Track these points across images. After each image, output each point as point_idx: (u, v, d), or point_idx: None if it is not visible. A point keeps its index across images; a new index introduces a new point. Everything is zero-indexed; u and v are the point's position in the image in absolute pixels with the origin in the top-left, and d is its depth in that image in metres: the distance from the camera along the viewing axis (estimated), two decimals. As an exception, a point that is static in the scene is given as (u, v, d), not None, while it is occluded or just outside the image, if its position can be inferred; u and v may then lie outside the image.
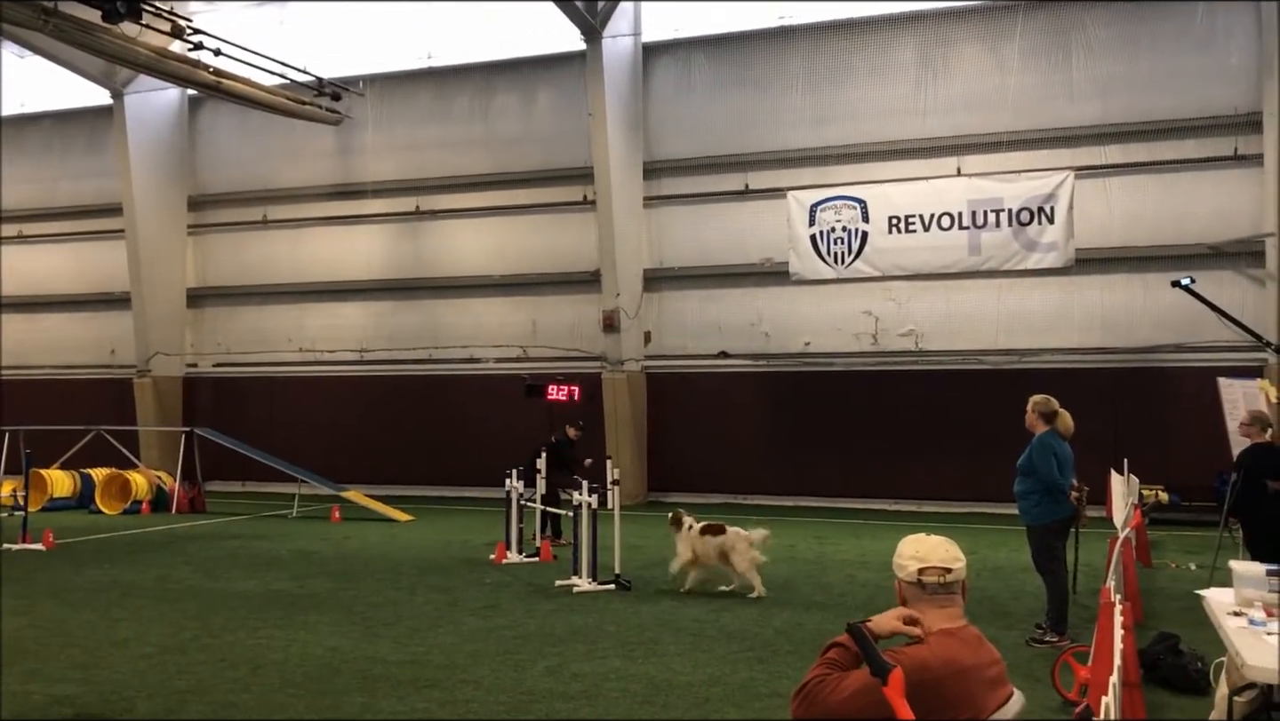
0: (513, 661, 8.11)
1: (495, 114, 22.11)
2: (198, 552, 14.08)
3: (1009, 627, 8.97)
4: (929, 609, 3.13)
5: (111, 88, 22.67)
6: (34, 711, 6.76)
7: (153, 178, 23.30)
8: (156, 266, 23.44)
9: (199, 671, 7.82)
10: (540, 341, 21.55)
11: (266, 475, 21.02)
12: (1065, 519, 8.72)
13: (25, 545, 14.28)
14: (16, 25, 17.34)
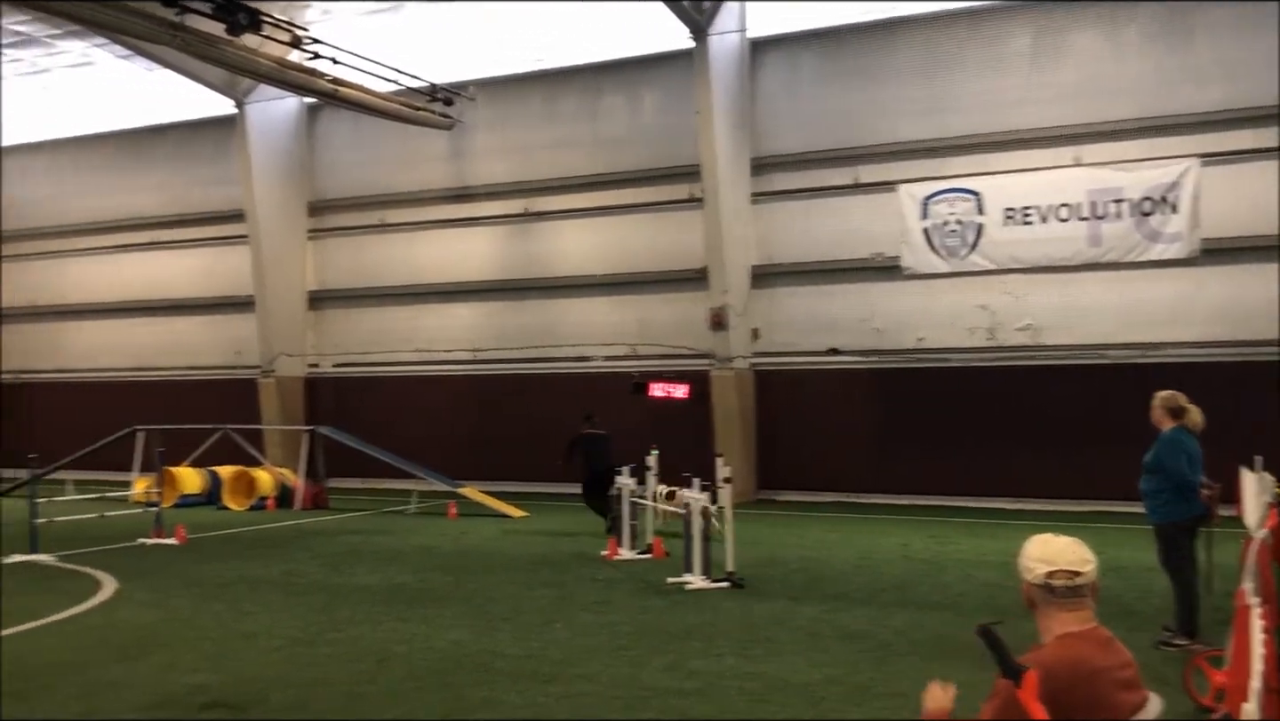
0: (628, 657, 8.17)
1: (602, 114, 22.28)
2: (322, 548, 14.50)
3: (1136, 629, 8.69)
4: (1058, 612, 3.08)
5: (234, 98, 23.47)
6: (172, 700, 7.04)
7: (274, 184, 24.08)
8: (279, 270, 24.21)
9: (326, 663, 8.06)
10: (648, 339, 21.63)
11: (385, 472, 21.51)
12: (1196, 517, 8.43)
13: (159, 540, 14.89)
14: (146, 40, 18.08)
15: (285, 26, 18.51)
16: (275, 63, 19.06)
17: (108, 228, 27.36)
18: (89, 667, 7.89)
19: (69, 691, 7.23)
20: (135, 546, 14.56)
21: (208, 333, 26.18)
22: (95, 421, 24.37)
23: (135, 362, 26.95)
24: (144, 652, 8.39)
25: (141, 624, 9.52)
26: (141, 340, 27.01)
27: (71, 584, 11.63)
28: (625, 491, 13.35)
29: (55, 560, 13.18)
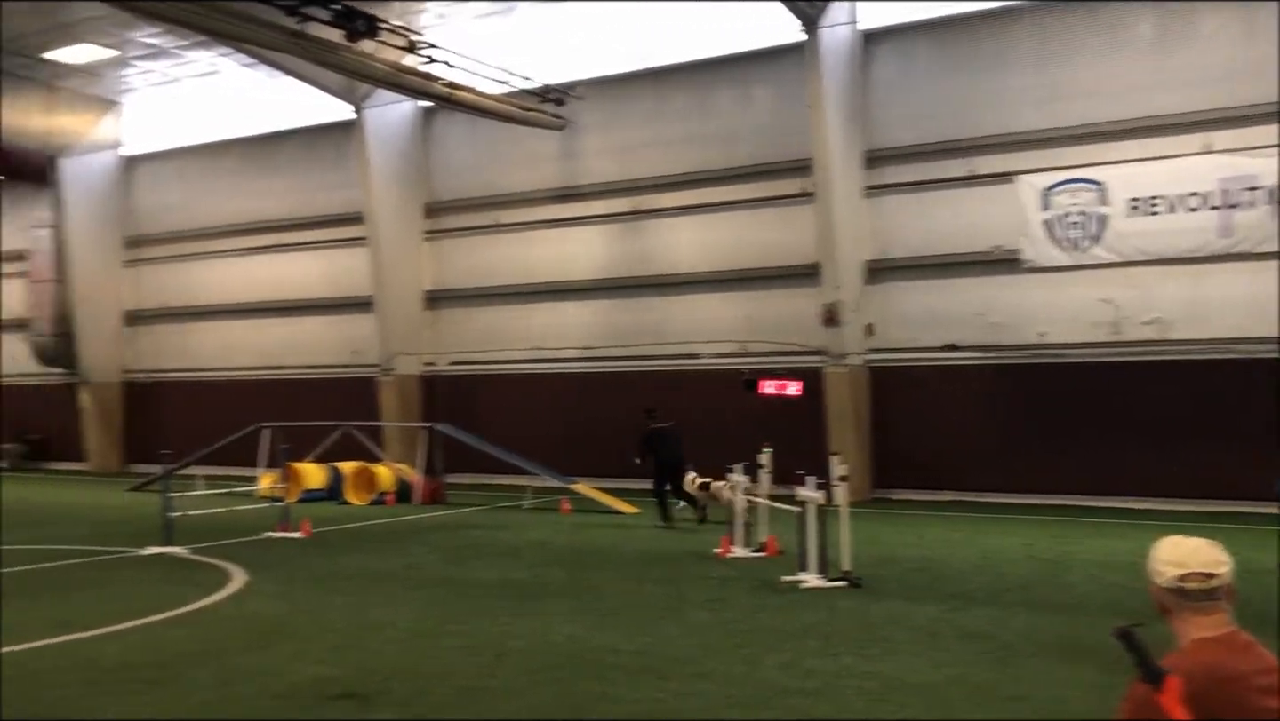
0: (744, 655, 8.14)
1: (712, 111, 22.22)
2: (440, 542, 14.78)
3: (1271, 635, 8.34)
4: (1192, 616, 2.95)
5: (353, 103, 24.07)
6: (301, 689, 7.25)
7: (392, 187, 24.64)
8: (396, 271, 24.76)
9: (447, 656, 8.21)
10: (759, 336, 21.50)
11: (499, 468, 21.83)
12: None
13: (285, 533, 15.35)
14: (269, 48, 18.66)
15: (401, 32, 18.89)
16: (392, 67, 19.48)
17: (233, 231, 28.32)
18: (223, 656, 8.18)
19: (205, 679, 7.49)
20: (262, 539, 15.03)
21: (329, 332, 26.91)
22: (222, 419, 25.28)
23: (260, 362, 27.85)
24: (274, 642, 8.65)
25: (270, 614, 9.83)
26: (266, 340, 27.90)
27: (203, 575, 12.07)
28: (739, 488, 13.28)
29: (188, 552, 13.69)
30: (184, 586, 11.31)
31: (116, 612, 9.91)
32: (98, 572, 12.45)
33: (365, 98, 23.97)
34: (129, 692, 7.16)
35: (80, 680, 7.50)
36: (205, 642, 8.65)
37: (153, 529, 15.00)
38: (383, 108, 24.28)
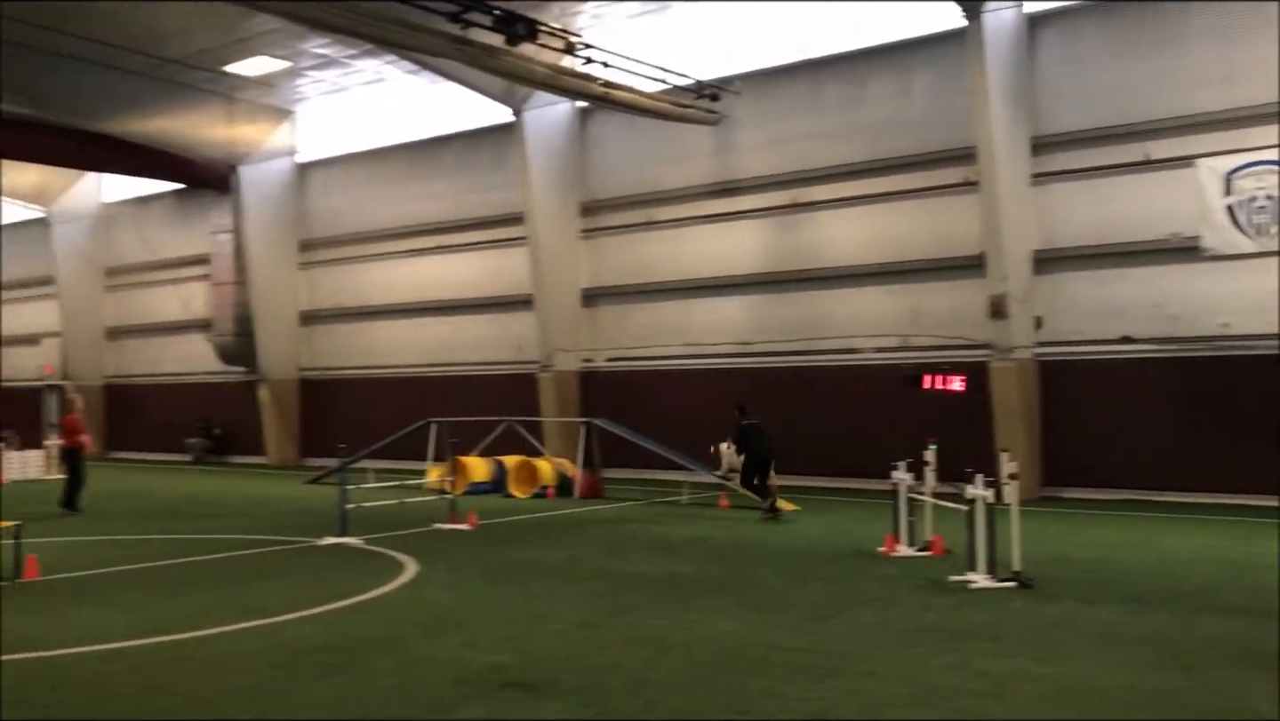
0: (912, 655, 8.00)
1: (869, 101, 21.87)
2: (600, 536, 14.99)
3: None
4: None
5: (512, 106, 24.59)
6: (473, 677, 7.45)
7: (550, 187, 25.09)
8: (555, 269, 25.21)
9: (612, 648, 8.32)
10: (921, 330, 21.07)
11: (656, 463, 21.99)
12: None
13: (453, 525, 15.81)
14: (433, 55, 19.21)
15: (560, 34, 19.19)
16: (550, 69, 19.82)
17: (399, 234, 29.31)
18: (400, 643, 8.48)
19: (384, 665, 7.78)
20: (431, 531, 15.52)
21: (490, 330, 27.59)
22: (390, 414, 26.25)
23: (426, 359, 28.75)
24: (446, 631, 8.93)
25: (442, 603, 10.14)
26: (431, 338, 28.79)
27: (378, 564, 12.53)
28: (903, 487, 13.05)
29: (362, 542, 14.23)
30: (360, 575, 11.77)
31: (300, 599, 10.39)
32: (280, 561, 13.07)
33: (524, 100, 24.46)
34: (314, 676, 7.49)
35: (268, 663, 7.88)
36: (384, 629, 8.98)
37: (329, 520, 15.66)
38: (541, 109, 24.74)
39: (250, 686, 7.26)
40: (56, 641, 8.69)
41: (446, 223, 28.33)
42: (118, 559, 13.32)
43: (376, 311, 30.03)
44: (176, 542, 14.79)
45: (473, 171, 27.92)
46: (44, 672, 7.69)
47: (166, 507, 19.62)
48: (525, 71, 19.50)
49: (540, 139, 24.99)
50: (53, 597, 10.71)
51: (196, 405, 33.87)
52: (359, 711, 6.67)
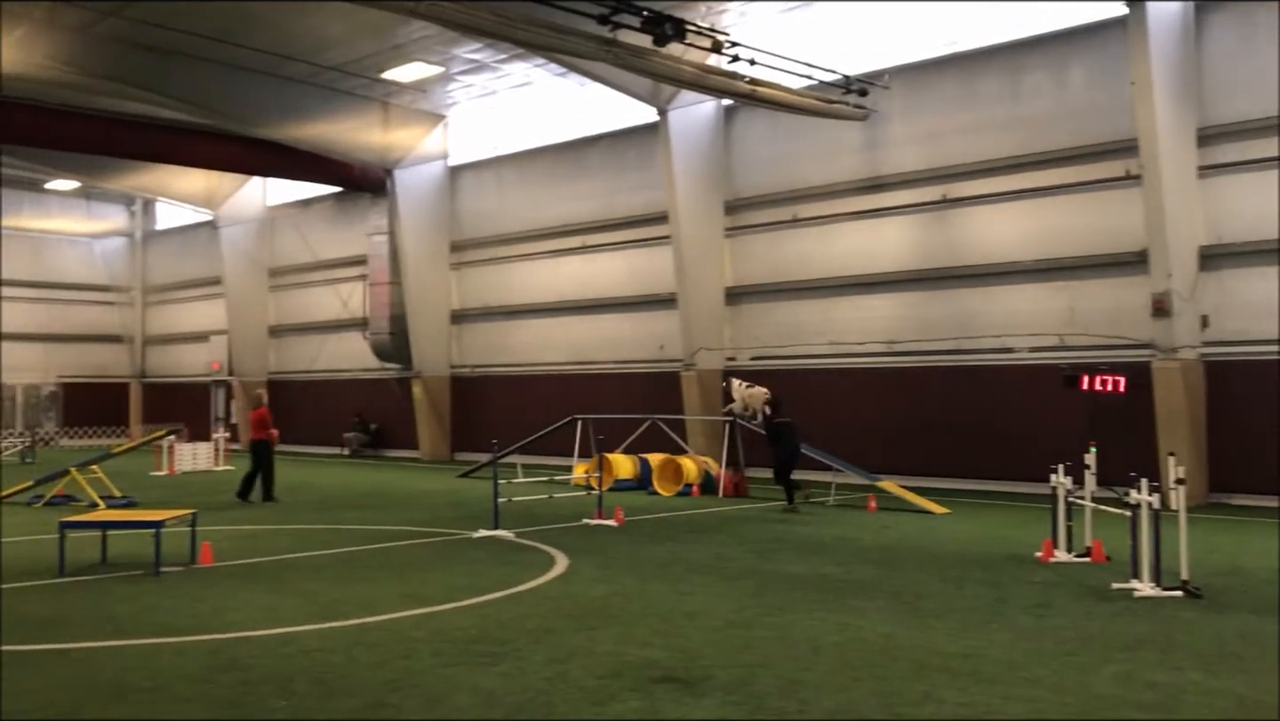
0: (1075, 663, 7.77)
1: (1024, 94, 21.27)
2: (747, 534, 14.98)
3: None
4: None
5: (658, 105, 24.74)
6: (626, 671, 7.55)
7: (694, 186, 25.15)
8: (698, 268, 25.26)
9: (764, 646, 8.31)
10: (1079, 329, 20.39)
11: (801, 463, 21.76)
12: None
13: (600, 521, 16.02)
14: (582, 57, 19.48)
15: (707, 33, 19.22)
16: (697, 68, 19.88)
17: (545, 234, 29.82)
18: (553, 635, 8.65)
19: (540, 656, 7.95)
20: (579, 526, 15.75)
21: (633, 328, 27.82)
22: (537, 410, 26.73)
23: (572, 357, 29.18)
24: (599, 624, 9.06)
25: (593, 597, 10.30)
26: (576, 336, 29.20)
27: (529, 557, 12.80)
28: (1061, 490, 12.66)
29: (513, 536, 14.55)
30: (513, 567, 12.04)
31: (458, 589, 10.70)
32: (437, 552, 13.46)
33: (669, 100, 24.58)
34: (472, 665, 7.70)
35: (427, 651, 8.14)
36: (538, 621, 9.18)
37: (481, 513, 16.08)
38: (686, 108, 24.83)
39: (414, 672, 7.51)
40: (231, 624, 9.16)
41: (591, 223, 28.69)
42: (286, 547, 13.94)
43: (523, 310, 30.62)
44: (339, 532, 15.39)
45: (617, 171, 28.20)
46: (220, 654, 8.11)
47: (328, 499, 20.41)
48: (672, 71, 19.61)
49: (685, 138, 25.07)
50: (226, 582, 11.28)
51: (352, 400, 35.12)
52: (519, 700, 6.83)
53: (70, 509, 17.72)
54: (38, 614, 9.66)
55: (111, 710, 6.62)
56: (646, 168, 26.98)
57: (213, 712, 6.59)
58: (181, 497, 19.53)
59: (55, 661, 7.91)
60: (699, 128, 25.34)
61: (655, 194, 26.21)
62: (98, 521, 13.19)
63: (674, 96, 24.49)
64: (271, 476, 19.83)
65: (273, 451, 19.96)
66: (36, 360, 42.82)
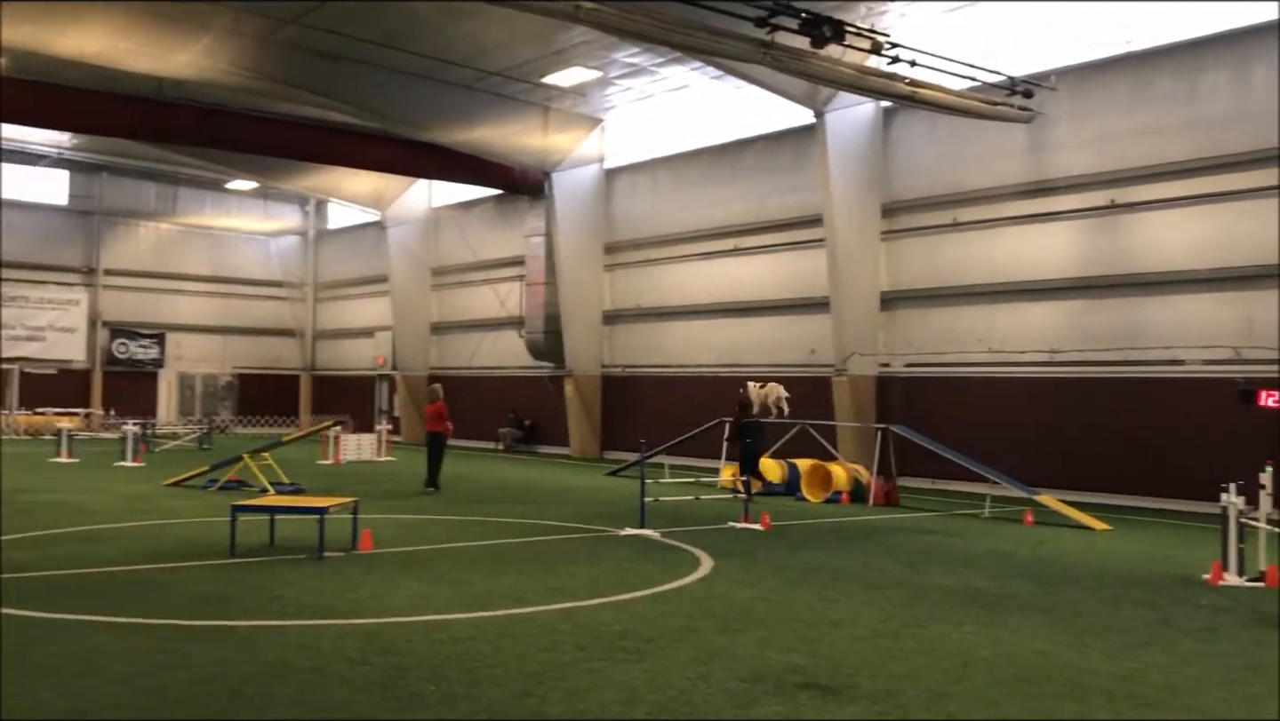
0: (1242, 693, 7.38)
1: (1201, 95, 20.28)
2: (897, 544, 14.72)
3: None
4: None
5: (814, 108, 24.52)
6: (768, 675, 7.52)
7: (850, 188, 24.83)
8: (853, 272, 24.92)
9: (910, 658, 8.16)
10: (1257, 341, 19.32)
11: (955, 473, 21.35)
12: None
13: (746, 524, 15.99)
14: (739, 60, 19.47)
15: (866, 34, 18.97)
16: (855, 70, 19.63)
17: (697, 236, 29.90)
18: (697, 635, 8.69)
19: (682, 655, 8.00)
20: (725, 528, 15.75)
21: (785, 332, 27.63)
22: (686, 411, 26.82)
23: (720, 359, 29.18)
24: (742, 627, 9.05)
25: (737, 600, 10.29)
26: (725, 339, 29.19)
27: (675, 557, 12.87)
28: (1233, 510, 12.03)
29: (659, 535, 14.65)
30: (658, 567, 12.14)
31: (603, 585, 10.85)
32: (584, 548, 13.67)
33: (826, 102, 24.33)
34: (616, 661, 7.80)
35: (572, 644, 8.27)
36: (681, 621, 9.23)
37: (628, 511, 16.24)
38: (843, 110, 24.53)
39: (559, 665, 7.66)
40: (387, 609, 9.51)
41: (744, 225, 28.63)
42: (442, 536, 14.39)
43: (674, 312, 30.77)
44: (492, 525, 15.78)
45: (772, 174, 28.07)
46: (376, 637, 8.42)
47: (483, 492, 20.93)
48: (830, 73, 19.42)
49: (842, 140, 24.78)
50: (384, 569, 11.70)
51: (507, 397, 35.92)
52: (660, 698, 6.89)
53: (242, 493, 18.67)
54: (209, 592, 10.22)
55: (274, 687, 6.95)
56: (801, 170, 26.78)
57: (367, 694, 6.86)
58: (344, 486, 20.34)
59: (223, 637, 8.35)
60: (857, 130, 25.00)
61: (810, 196, 25.99)
62: (267, 506, 13.86)
63: (831, 98, 24.23)
64: (438, 467, 20.60)
65: (445, 444, 20.74)
66: (215, 351, 45.22)
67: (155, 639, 8.23)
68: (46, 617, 8.88)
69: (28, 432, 37.37)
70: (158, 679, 7.09)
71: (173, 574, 11.18)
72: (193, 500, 18.29)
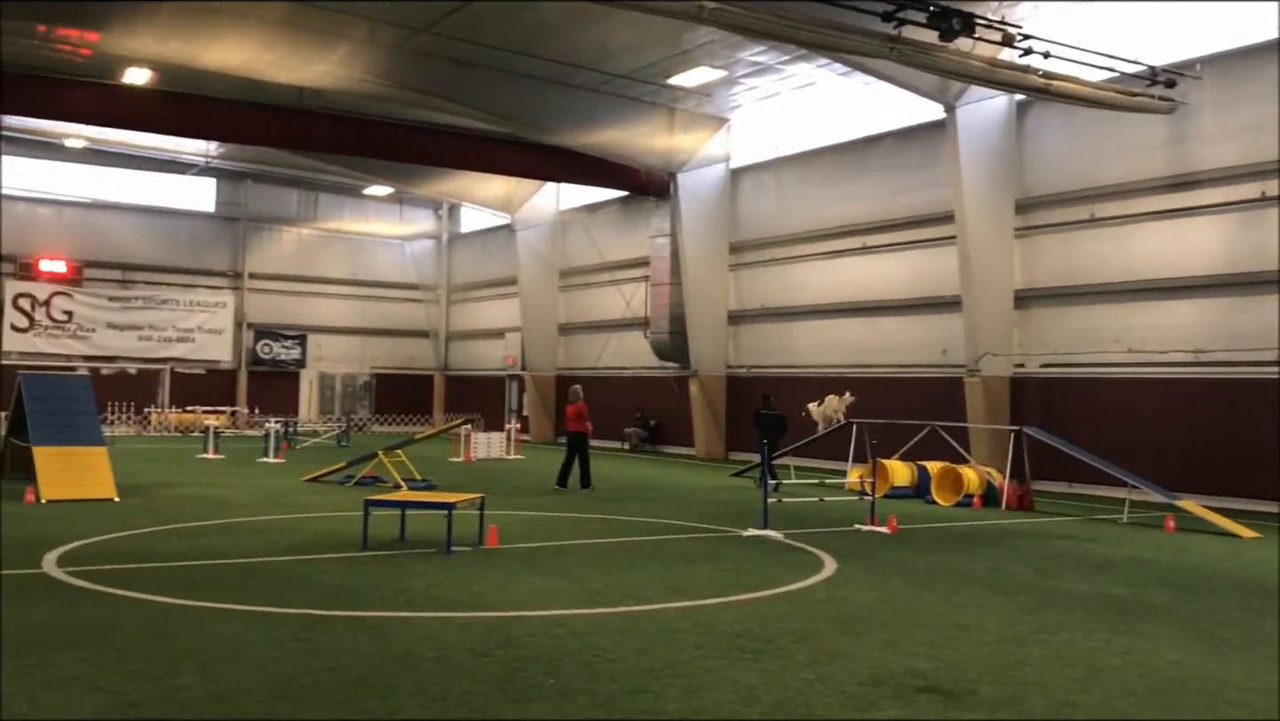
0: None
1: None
2: (1028, 549, 14.32)
3: None
4: None
5: (944, 102, 24.04)
6: (888, 678, 7.41)
7: (982, 184, 24.25)
8: (985, 270, 24.33)
9: (1036, 665, 7.94)
10: None
11: (1092, 477, 20.67)
12: None
13: (872, 527, 15.77)
14: (866, 55, 19.20)
15: (997, 26, 18.52)
16: (987, 63, 19.19)
17: (823, 235, 29.60)
18: (818, 637, 8.61)
19: (802, 657, 7.94)
20: (850, 531, 15.56)
21: (914, 331, 27.14)
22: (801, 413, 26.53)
23: (849, 359, 28.82)
24: (864, 630, 8.94)
25: (861, 602, 10.16)
26: (854, 338, 28.81)
27: (797, 559, 12.78)
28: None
29: (782, 537, 14.56)
30: (780, 567, 12.07)
31: (724, 585, 10.85)
32: (706, 547, 13.68)
33: (957, 96, 23.83)
34: (734, 660, 7.79)
35: (691, 642, 8.29)
36: (802, 621, 9.16)
37: (751, 512, 16.20)
38: (974, 105, 23.98)
39: (677, 662, 7.69)
40: (509, 603, 9.68)
41: (872, 223, 28.23)
42: (566, 533, 14.58)
43: (800, 312, 30.52)
44: (614, 523, 15.92)
45: (900, 171, 27.61)
46: (498, 631, 8.59)
47: (606, 490, 21.12)
48: (960, 67, 19.02)
49: (973, 135, 24.21)
50: (508, 564, 11.92)
51: (632, 397, 36.15)
52: (777, 698, 6.86)
53: (376, 489, 19.25)
54: (342, 583, 10.57)
55: (398, 677, 7.15)
56: (931, 166, 26.27)
57: (487, 686, 7.00)
58: (474, 483, 20.78)
59: (354, 627, 8.63)
60: (989, 124, 24.40)
61: (940, 193, 25.48)
62: (398, 501, 14.26)
63: (963, 92, 23.72)
64: (586, 466, 21.18)
65: (587, 443, 21.12)
66: (353, 352, 46.69)
67: (290, 627, 8.55)
68: (194, 605, 9.31)
69: (178, 430, 39.21)
70: (291, 666, 7.37)
71: (309, 565, 11.60)
72: (330, 495, 18.93)
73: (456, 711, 6.45)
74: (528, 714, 6.43)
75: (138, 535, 13.57)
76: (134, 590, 9.85)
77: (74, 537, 13.00)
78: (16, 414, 18.91)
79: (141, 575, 10.72)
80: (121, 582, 10.20)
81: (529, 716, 6.39)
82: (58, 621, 8.58)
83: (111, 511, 15.82)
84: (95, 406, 19.21)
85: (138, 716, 6.22)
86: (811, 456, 25.07)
